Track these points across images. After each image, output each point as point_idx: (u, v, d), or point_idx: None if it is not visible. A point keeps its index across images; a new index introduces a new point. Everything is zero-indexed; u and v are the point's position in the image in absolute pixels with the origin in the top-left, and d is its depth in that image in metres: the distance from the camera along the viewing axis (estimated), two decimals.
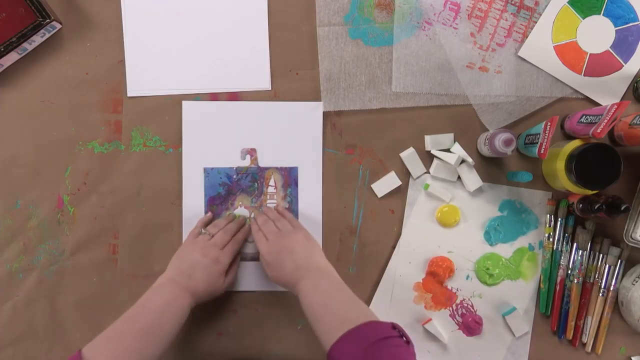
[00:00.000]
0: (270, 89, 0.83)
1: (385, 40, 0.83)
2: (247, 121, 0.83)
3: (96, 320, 0.82)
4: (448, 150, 0.82)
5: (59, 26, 0.81)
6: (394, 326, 0.62)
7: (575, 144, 0.76)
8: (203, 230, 0.78)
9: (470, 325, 0.83)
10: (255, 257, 0.83)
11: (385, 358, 0.58)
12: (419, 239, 0.83)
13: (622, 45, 0.83)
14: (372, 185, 0.83)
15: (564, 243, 0.82)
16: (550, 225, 0.82)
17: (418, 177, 0.83)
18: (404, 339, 0.61)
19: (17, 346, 0.82)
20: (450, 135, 0.83)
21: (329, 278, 0.72)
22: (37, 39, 0.79)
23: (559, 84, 0.83)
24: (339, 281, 0.72)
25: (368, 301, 0.83)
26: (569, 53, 0.83)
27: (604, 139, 0.80)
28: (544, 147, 0.72)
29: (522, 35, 0.83)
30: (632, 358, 0.84)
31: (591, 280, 0.82)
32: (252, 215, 0.83)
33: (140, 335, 0.67)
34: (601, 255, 0.82)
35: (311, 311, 0.68)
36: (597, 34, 0.83)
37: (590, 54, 0.83)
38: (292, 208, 0.83)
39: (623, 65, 0.83)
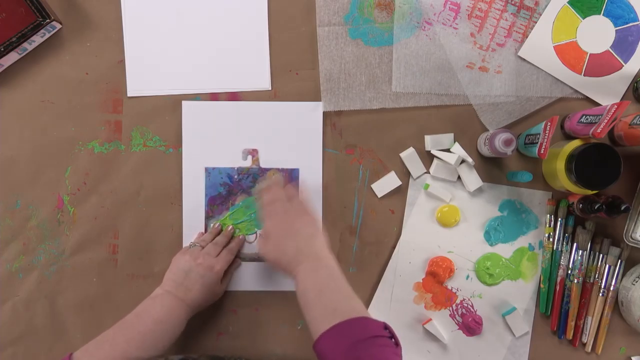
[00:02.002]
0: (270, 89, 0.83)
1: (385, 40, 0.83)
2: (247, 121, 0.82)
3: (96, 320, 0.82)
4: (448, 150, 0.82)
5: (59, 26, 0.81)
6: (385, 326, 0.61)
7: (575, 144, 0.76)
8: (192, 243, 0.78)
9: (470, 325, 0.83)
10: (255, 258, 0.83)
11: (370, 357, 0.58)
12: (419, 239, 0.83)
13: (622, 45, 0.83)
14: (372, 185, 0.83)
15: (564, 243, 0.82)
16: (550, 225, 0.82)
17: (418, 177, 0.83)
18: (393, 340, 0.61)
19: (17, 346, 0.82)
20: (450, 135, 0.83)
21: (327, 267, 0.70)
22: (37, 39, 0.79)
23: (559, 84, 0.83)
24: (338, 272, 0.69)
25: (368, 301, 0.83)
26: (569, 53, 0.83)
27: (604, 139, 0.80)
28: (544, 147, 0.72)
29: (522, 35, 0.83)
30: (632, 358, 0.84)
31: (591, 280, 0.82)
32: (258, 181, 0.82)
33: (134, 343, 0.66)
34: (601, 255, 0.82)
35: (304, 297, 0.67)
36: (597, 34, 0.83)
37: (590, 54, 0.83)
38: None
39: (623, 65, 0.83)
